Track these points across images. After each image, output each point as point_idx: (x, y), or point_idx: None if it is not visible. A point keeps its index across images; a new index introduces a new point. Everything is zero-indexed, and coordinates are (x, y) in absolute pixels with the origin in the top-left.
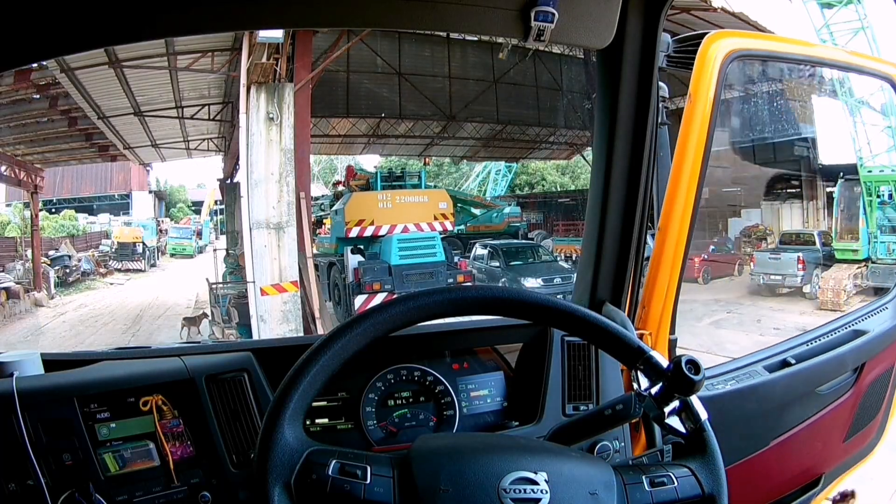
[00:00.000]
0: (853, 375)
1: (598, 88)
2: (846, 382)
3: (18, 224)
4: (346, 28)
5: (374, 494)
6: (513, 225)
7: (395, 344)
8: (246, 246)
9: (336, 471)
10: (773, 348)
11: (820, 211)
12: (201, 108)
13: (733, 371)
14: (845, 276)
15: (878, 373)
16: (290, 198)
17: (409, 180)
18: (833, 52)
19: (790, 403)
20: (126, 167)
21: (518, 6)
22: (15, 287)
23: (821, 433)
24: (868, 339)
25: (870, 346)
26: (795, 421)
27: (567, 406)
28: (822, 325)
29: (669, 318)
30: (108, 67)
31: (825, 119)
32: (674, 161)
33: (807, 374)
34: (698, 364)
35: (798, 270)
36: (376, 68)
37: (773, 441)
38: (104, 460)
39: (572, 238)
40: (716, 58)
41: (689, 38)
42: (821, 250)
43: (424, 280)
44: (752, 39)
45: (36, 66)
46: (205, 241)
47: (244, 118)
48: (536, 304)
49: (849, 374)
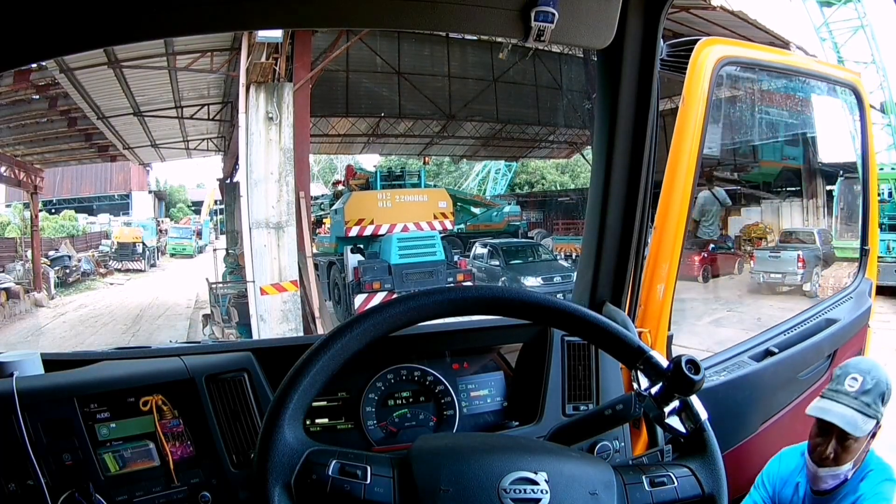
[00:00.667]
0: (827, 361)
1: (598, 88)
2: (821, 368)
3: (18, 224)
4: (346, 28)
5: (374, 495)
6: (512, 224)
7: (395, 344)
8: (246, 245)
9: (336, 471)
10: (756, 338)
11: (820, 209)
12: (201, 108)
13: (723, 362)
14: (845, 275)
15: (847, 358)
16: (290, 197)
17: (409, 179)
18: (806, 61)
19: (776, 390)
20: (126, 167)
21: (518, 6)
22: (15, 287)
23: (801, 415)
24: (839, 328)
25: (840, 333)
26: (780, 406)
27: (567, 406)
28: (797, 314)
29: (668, 314)
30: (107, 67)
31: (824, 118)
32: (668, 162)
33: (789, 362)
34: (698, 364)
35: (798, 268)
36: (376, 67)
37: (761, 426)
38: (104, 460)
39: (572, 237)
40: (707, 63)
41: (682, 43)
42: (821, 248)
43: (424, 279)
44: (740, 48)
45: (35, 66)
46: (205, 241)
47: (243, 118)
48: (536, 303)
49: (824, 360)
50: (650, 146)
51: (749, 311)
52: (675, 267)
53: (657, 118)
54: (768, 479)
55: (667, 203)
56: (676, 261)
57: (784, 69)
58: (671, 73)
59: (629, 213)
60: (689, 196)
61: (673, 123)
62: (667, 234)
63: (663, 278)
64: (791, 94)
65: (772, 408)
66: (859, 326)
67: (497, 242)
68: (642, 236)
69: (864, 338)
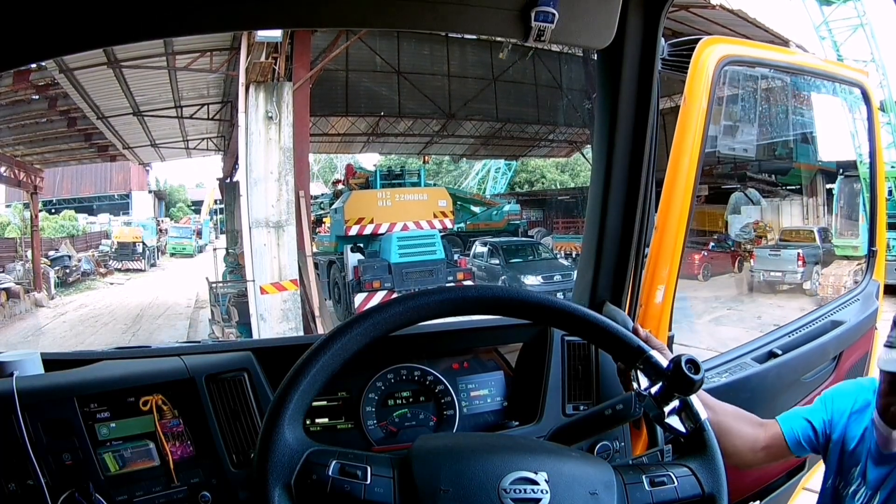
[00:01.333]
0: (833, 363)
1: (598, 88)
2: (827, 370)
3: (18, 224)
4: (346, 28)
5: (374, 495)
6: (512, 222)
7: (395, 344)
8: (245, 245)
9: (336, 471)
10: (760, 340)
11: (820, 208)
12: (200, 108)
13: (725, 364)
14: (845, 273)
15: (854, 360)
16: (290, 196)
17: (409, 178)
18: (811, 60)
19: (779, 392)
20: (126, 167)
21: (518, 6)
22: (15, 287)
23: None
24: (845, 329)
25: (847, 335)
26: (783, 408)
27: (567, 406)
28: (802, 316)
29: (668, 315)
30: (107, 67)
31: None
32: (670, 161)
33: (793, 364)
34: (698, 363)
35: (798, 267)
36: (375, 67)
37: None
38: (104, 460)
39: (572, 235)
40: (709, 63)
41: (683, 42)
42: (821, 247)
43: (424, 278)
44: (742, 47)
45: (35, 66)
46: (204, 241)
47: (243, 117)
48: (536, 303)
49: (829, 362)
50: (650, 146)
51: (749, 309)
52: (677, 268)
53: (658, 117)
54: (833, 404)
55: (668, 203)
56: (678, 262)
57: (790, 68)
58: (672, 72)
59: (629, 212)
60: (690, 196)
61: (672, 123)
62: (668, 234)
63: (664, 279)
64: (798, 92)
65: (775, 410)
66: (866, 328)
67: (497, 241)
68: (642, 236)
69: (871, 340)
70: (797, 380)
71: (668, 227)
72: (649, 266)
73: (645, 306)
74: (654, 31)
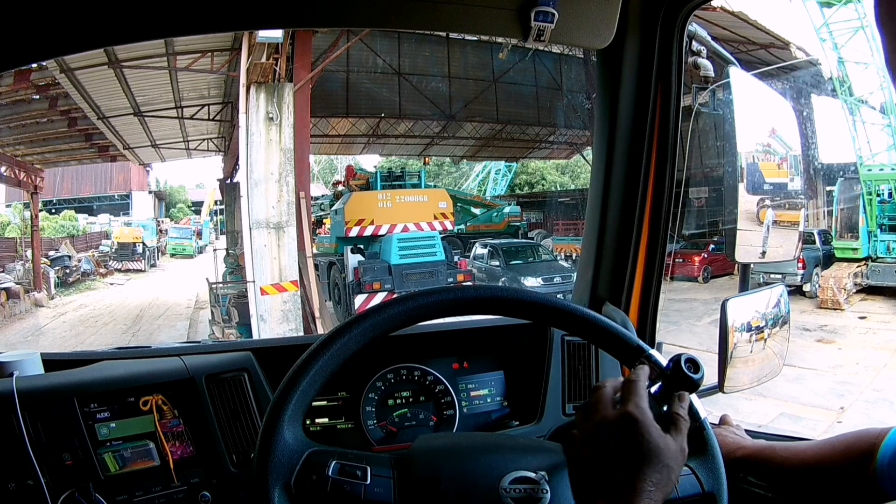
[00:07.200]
0: None
1: (598, 88)
2: None
3: (18, 224)
4: (346, 28)
5: (374, 495)
6: (513, 224)
7: (395, 344)
8: (246, 246)
9: (336, 471)
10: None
11: (820, 210)
12: (201, 108)
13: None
14: (845, 275)
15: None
16: (290, 197)
17: (409, 180)
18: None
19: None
20: (126, 167)
21: (518, 6)
22: (15, 287)
23: None
24: None
25: None
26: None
27: (567, 406)
28: None
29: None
30: (107, 68)
31: (824, 118)
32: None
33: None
34: (698, 363)
35: (798, 269)
36: (376, 68)
37: None
38: (104, 460)
39: (572, 237)
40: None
41: None
42: (821, 249)
43: (424, 279)
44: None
45: (36, 66)
46: (205, 241)
47: (244, 118)
48: (536, 303)
49: None
50: (649, 145)
51: None
52: (659, 267)
53: (657, 117)
54: None
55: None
56: (661, 260)
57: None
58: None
59: (629, 213)
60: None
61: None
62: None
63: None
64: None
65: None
66: None
67: (497, 243)
68: (642, 236)
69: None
70: None
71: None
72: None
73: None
74: (654, 31)
